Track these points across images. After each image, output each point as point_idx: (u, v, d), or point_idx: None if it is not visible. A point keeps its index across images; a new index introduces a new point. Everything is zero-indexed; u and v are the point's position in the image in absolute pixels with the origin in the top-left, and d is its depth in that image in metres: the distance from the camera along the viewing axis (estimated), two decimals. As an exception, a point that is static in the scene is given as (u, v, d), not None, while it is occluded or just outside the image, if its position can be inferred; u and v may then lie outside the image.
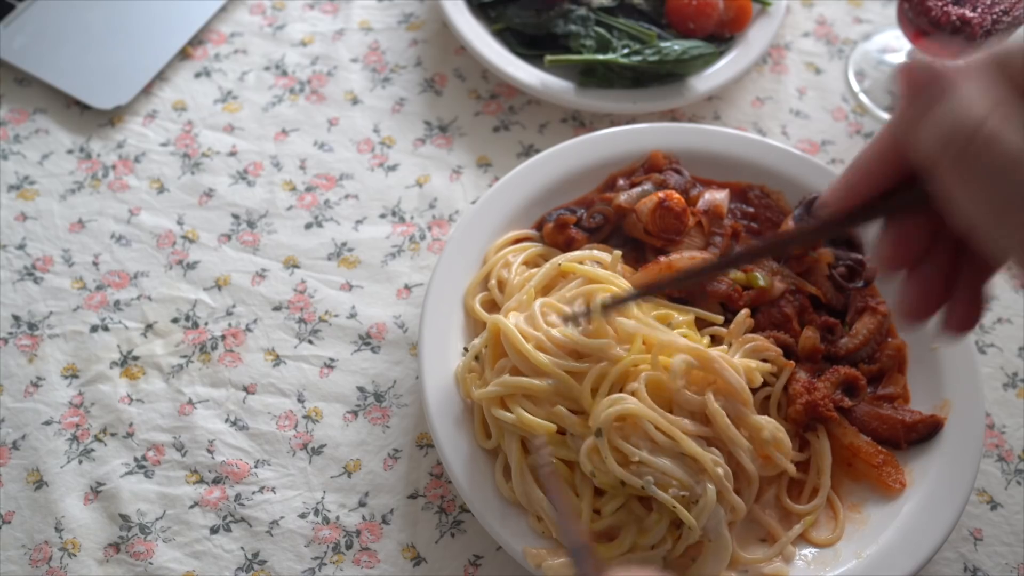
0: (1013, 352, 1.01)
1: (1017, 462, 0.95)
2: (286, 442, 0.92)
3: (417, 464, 0.91)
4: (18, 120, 1.09)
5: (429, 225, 1.05)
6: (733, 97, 1.16)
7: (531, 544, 0.81)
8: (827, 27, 1.22)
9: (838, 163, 1.12)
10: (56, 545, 0.86)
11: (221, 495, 0.89)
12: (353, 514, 0.89)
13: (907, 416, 0.90)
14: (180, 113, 1.11)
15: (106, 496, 0.88)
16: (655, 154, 1.01)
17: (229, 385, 0.94)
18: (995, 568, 0.89)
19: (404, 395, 0.95)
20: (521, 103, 1.14)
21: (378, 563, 0.87)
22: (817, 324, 0.93)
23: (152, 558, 0.86)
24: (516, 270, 0.93)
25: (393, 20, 1.20)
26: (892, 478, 0.87)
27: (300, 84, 1.14)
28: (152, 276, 1.00)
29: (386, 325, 0.98)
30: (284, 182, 1.07)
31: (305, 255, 1.02)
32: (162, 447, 0.91)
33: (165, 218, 1.04)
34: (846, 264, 0.97)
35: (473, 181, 1.08)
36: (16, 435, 0.91)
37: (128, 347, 0.96)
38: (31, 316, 0.97)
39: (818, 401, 0.87)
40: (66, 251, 1.01)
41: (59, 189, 1.05)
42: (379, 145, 1.10)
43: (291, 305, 0.99)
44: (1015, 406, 0.98)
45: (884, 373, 0.93)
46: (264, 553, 0.86)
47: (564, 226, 0.96)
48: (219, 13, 1.18)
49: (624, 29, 1.11)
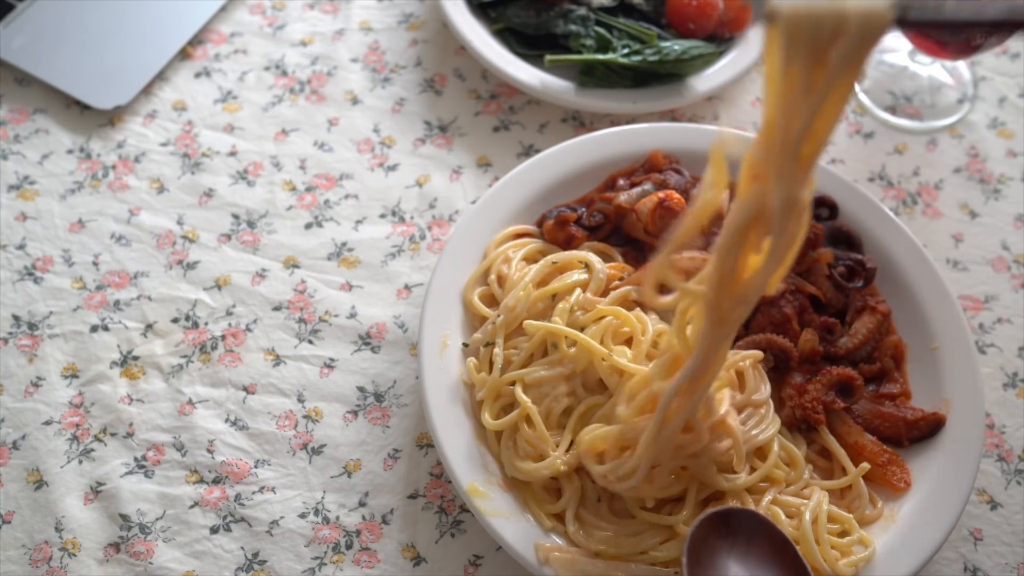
0: (1013, 352, 1.01)
1: (1017, 462, 0.95)
2: (286, 442, 0.92)
3: (417, 464, 0.91)
4: (18, 120, 1.09)
5: (429, 225, 1.05)
6: (733, 97, 1.16)
7: (531, 544, 0.81)
8: (827, 27, 1.22)
9: (838, 163, 1.12)
10: (56, 545, 0.86)
11: (221, 495, 0.89)
12: (353, 514, 0.89)
13: (909, 414, 0.90)
14: (180, 113, 1.11)
15: (106, 496, 0.88)
16: (655, 154, 1.01)
17: (229, 385, 0.94)
18: (995, 568, 0.89)
19: (404, 395, 0.95)
20: (521, 103, 1.14)
21: (378, 563, 0.87)
22: (817, 324, 0.93)
23: (152, 558, 0.86)
24: (516, 266, 0.93)
25: (393, 20, 1.20)
26: (897, 477, 0.87)
27: (300, 84, 1.14)
28: (152, 276, 1.00)
29: (386, 325, 0.98)
30: (284, 182, 1.07)
31: (305, 255, 1.02)
32: (162, 447, 0.91)
33: (165, 218, 1.04)
34: (846, 264, 0.97)
35: (473, 181, 1.08)
36: (16, 435, 0.91)
37: (128, 347, 0.96)
38: (31, 316, 0.97)
39: (806, 405, 0.88)
40: (66, 251, 1.01)
41: (59, 189, 1.05)
42: (379, 145, 1.10)
43: (291, 305, 0.99)
44: (1015, 406, 0.98)
45: (885, 372, 0.93)
46: (264, 553, 0.86)
47: (564, 223, 0.96)
48: (219, 13, 1.18)
49: (624, 29, 1.12)
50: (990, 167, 1.13)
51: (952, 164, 1.13)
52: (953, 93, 1.18)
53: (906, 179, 1.12)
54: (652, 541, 0.81)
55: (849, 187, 1.01)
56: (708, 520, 0.75)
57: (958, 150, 1.14)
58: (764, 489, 0.84)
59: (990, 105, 1.18)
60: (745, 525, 0.77)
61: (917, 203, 1.10)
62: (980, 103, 1.18)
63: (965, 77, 1.19)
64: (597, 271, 0.91)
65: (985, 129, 1.16)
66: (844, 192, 1.00)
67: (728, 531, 0.76)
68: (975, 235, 1.08)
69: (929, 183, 1.12)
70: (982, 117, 1.17)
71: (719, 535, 0.75)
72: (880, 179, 1.11)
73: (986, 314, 1.03)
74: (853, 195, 1.00)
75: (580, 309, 0.88)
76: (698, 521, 0.75)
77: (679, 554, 0.80)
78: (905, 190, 1.11)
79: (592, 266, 0.91)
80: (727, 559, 0.75)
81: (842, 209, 1.00)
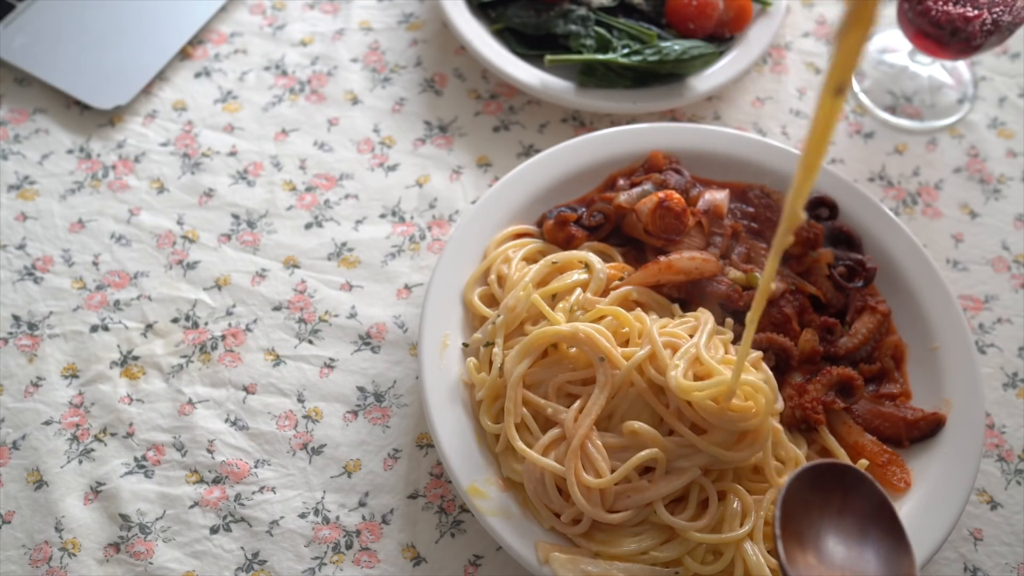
0: (1013, 352, 1.01)
1: (1017, 462, 0.95)
2: (286, 442, 0.92)
3: (417, 464, 0.91)
4: (18, 120, 1.09)
5: (429, 225, 1.05)
6: (733, 97, 1.16)
7: (531, 544, 0.81)
8: (827, 27, 1.22)
9: (838, 163, 1.12)
10: (56, 545, 0.86)
11: (221, 495, 0.89)
12: (353, 514, 0.89)
13: (909, 414, 0.90)
14: (180, 113, 1.11)
15: (106, 496, 0.88)
16: (655, 154, 1.01)
17: (229, 385, 0.94)
18: (995, 568, 0.89)
19: (404, 395, 0.95)
20: (521, 103, 1.14)
21: (378, 563, 0.87)
22: (817, 324, 0.93)
23: (152, 558, 0.86)
24: (516, 266, 0.93)
25: (393, 20, 1.20)
26: (897, 477, 0.87)
27: (300, 84, 1.14)
28: (152, 276, 1.00)
29: (386, 325, 0.98)
30: (284, 182, 1.07)
31: (305, 255, 1.02)
32: (162, 447, 0.91)
33: (165, 218, 1.04)
34: (846, 264, 0.97)
35: (473, 181, 1.08)
36: (16, 435, 0.91)
37: (128, 347, 0.96)
38: (31, 316, 0.97)
39: (806, 405, 0.88)
40: (66, 251, 1.01)
41: (59, 189, 1.05)
42: (379, 145, 1.10)
43: (291, 305, 0.99)
44: (1015, 406, 0.98)
45: (885, 372, 0.93)
46: (264, 553, 0.86)
47: (564, 223, 0.96)
48: (219, 13, 1.18)
49: (624, 29, 1.12)
50: (990, 167, 1.13)
51: (952, 164, 1.13)
52: (953, 93, 1.18)
53: (906, 179, 1.12)
54: (652, 541, 0.81)
55: (849, 187, 1.01)
56: (804, 474, 0.73)
57: (958, 150, 1.14)
58: (765, 490, 0.84)
59: (990, 105, 1.18)
60: (842, 482, 0.74)
61: (917, 203, 1.10)
62: (980, 103, 1.18)
63: (965, 77, 1.19)
64: (597, 271, 0.91)
65: (985, 129, 1.16)
66: (844, 192, 1.00)
67: (824, 487, 0.73)
68: (975, 235, 1.08)
69: (929, 183, 1.12)
70: (982, 117, 1.17)
71: (814, 491, 0.73)
72: (880, 179, 1.11)
73: (986, 314, 1.03)
74: (853, 195, 1.00)
75: (580, 309, 0.88)
76: (795, 474, 0.73)
77: (679, 554, 0.80)
78: (905, 190, 1.11)
79: (592, 266, 0.91)
80: (820, 517, 0.73)
81: (842, 209, 1.00)
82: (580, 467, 0.80)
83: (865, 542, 0.72)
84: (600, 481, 0.79)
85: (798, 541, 0.71)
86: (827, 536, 0.72)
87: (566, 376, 0.84)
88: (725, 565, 0.80)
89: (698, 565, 0.80)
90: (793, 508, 0.72)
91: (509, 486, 0.84)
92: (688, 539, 0.80)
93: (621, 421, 0.82)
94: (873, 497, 0.73)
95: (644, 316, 0.87)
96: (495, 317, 0.89)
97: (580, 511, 0.80)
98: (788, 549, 0.70)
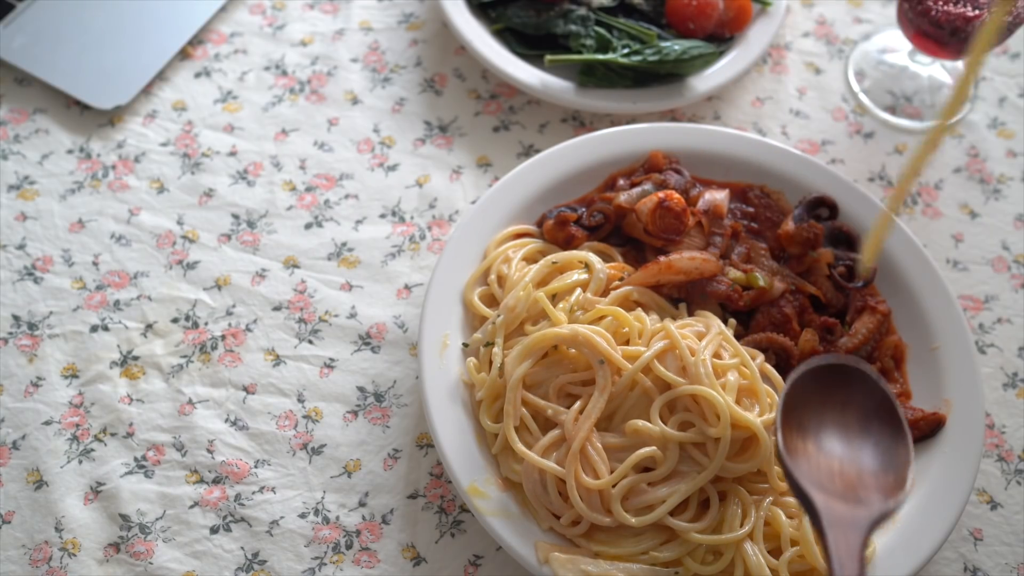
0: (1013, 352, 1.01)
1: (1017, 462, 0.95)
2: (286, 442, 0.92)
3: (417, 464, 0.91)
4: (18, 120, 1.09)
5: (429, 225, 1.05)
6: (733, 97, 1.16)
7: (531, 544, 0.81)
8: (827, 27, 1.22)
9: (838, 163, 1.12)
10: (56, 545, 0.86)
11: (221, 495, 0.89)
12: (353, 514, 0.89)
13: (909, 414, 0.90)
14: (180, 113, 1.11)
15: (106, 496, 0.88)
16: (655, 154, 1.01)
17: (229, 385, 0.94)
18: (995, 568, 0.89)
19: (404, 395, 0.95)
20: (521, 103, 1.14)
21: (378, 563, 0.87)
22: (817, 324, 0.93)
23: (152, 558, 0.86)
24: (516, 266, 0.93)
25: (393, 20, 1.20)
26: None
27: (300, 84, 1.14)
28: (152, 276, 1.00)
29: (386, 325, 0.98)
30: (284, 182, 1.07)
31: (305, 255, 1.02)
32: (162, 447, 0.91)
33: (165, 218, 1.04)
34: (846, 264, 0.97)
35: (473, 181, 1.08)
36: (16, 435, 0.91)
37: (128, 347, 0.96)
38: (31, 316, 0.97)
39: None
40: (66, 251, 1.01)
41: (59, 189, 1.05)
42: (379, 145, 1.10)
43: (291, 305, 0.99)
44: (1015, 406, 0.98)
45: (885, 372, 0.93)
46: (264, 553, 0.86)
47: (564, 223, 0.96)
48: (219, 13, 1.18)
49: (624, 29, 1.12)
50: (990, 167, 1.13)
51: (952, 164, 1.13)
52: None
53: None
54: (652, 541, 0.81)
55: (849, 187, 1.01)
56: (808, 373, 0.75)
57: (958, 150, 1.14)
58: (764, 491, 0.84)
59: (990, 105, 1.18)
60: (847, 379, 0.76)
61: (917, 203, 1.10)
62: (980, 103, 1.18)
63: (965, 77, 1.19)
64: (597, 271, 0.91)
65: (985, 129, 1.16)
66: (844, 192, 1.00)
67: (829, 384, 0.76)
68: (975, 235, 1.08)
69: (929, 183, 1.12)
70: (982, 117, 1.17)
71: (818, 386, 0.75)
72: (880, 179, 1.11)
73: (986, 314, 1.03)
74: (853, 195, 1.00)
75: (580, 309, 0.88)
76: (798, 372, 0.75)
77: (679, 555, 0.80)
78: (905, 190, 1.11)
79: (592, 266, 0.91)
80: (823, 409, 0.75)
81: (842, 209, 1.00)
82: (580, 470, 0.80)
83: (866, 435, 0.75)
84: (599, 482, 0.80)
85: (800, 431, 0.74)
86: (829, 428, 0.75)
87: (567, 377, 0.84)
88: (725, 565, 0.80)
89: (698, 565, 0.80)
90: (796, 401, 0.75)
91: (509, 486, 0.84)
92: (688, 540, 0.80)
93: (623, 420, 0.83)
94: (876, 393, 0.76)
95: (644, 316, 0.87)
96: (495, 317, 0.89)
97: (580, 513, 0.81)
98: (789, 438, 0.73)
